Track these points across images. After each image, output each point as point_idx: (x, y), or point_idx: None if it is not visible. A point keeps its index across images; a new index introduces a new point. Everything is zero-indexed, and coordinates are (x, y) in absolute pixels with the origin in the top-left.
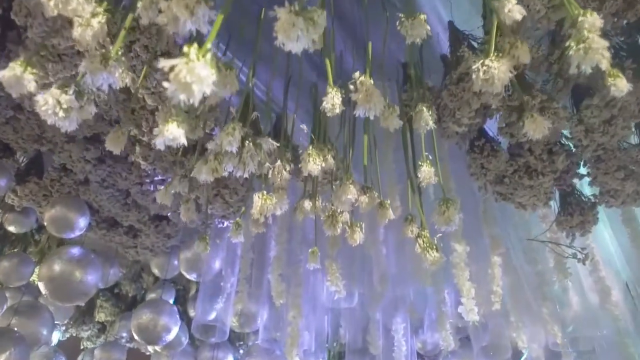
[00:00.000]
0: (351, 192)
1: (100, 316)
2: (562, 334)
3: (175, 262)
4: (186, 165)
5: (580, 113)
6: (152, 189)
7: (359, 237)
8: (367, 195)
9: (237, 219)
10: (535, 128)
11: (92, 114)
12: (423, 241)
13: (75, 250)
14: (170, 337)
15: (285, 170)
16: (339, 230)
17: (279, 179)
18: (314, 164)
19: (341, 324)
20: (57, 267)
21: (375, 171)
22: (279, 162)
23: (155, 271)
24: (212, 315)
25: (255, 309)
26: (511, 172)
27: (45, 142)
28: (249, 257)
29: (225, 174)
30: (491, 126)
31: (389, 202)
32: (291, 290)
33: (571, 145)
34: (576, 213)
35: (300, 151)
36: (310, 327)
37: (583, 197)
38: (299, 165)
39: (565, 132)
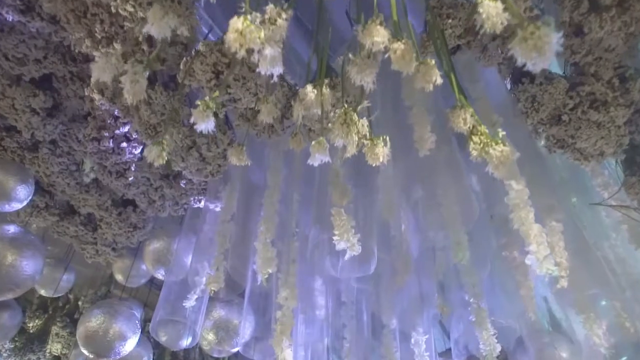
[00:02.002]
0: (380, 34)
1: (56, 347)
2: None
3: (143, 267)
4: (153, 100)
5: None
6: (111, 145)
7: (382, 153)
8: (402, 42)
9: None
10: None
11: None
12: (480, 137)
13: (10, 228)
14: (126, 349)
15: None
16: (355, 138)
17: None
18: None
19: (345, 336)
20: None
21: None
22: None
23: (119, 277)
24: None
25: (236, 318)
26: (571, 107)
27: None
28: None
29: None
30: None
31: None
32: (283, 268)
33: None
34: None
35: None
36: (308, 325)
37: None
38: None
39: None
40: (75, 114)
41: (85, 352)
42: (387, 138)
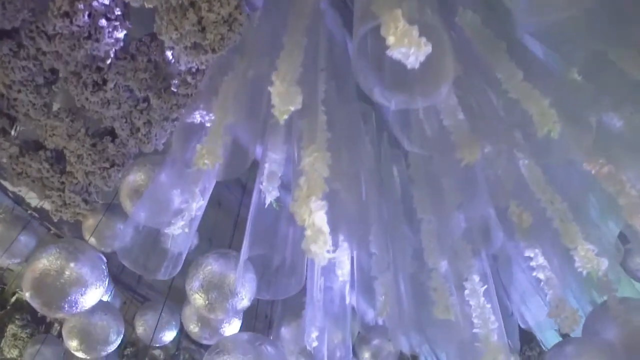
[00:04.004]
0: None
1: (12, 353)
2: None
3: (120, 226)
4: None
5: None
6: (87, 21)
7: None
8: None
9: None
10: None
11: None
12: None
13: None
14: (86, 301)
15: None
16: None
17: None
18: None
19: (378, 291)
20: None
21: None
22: None
23: (90, 240)
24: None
25: (232, 273)
26: None
27: None
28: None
29: None
30: None
31: None
32: (307, 115)
33: None
34: None
35: None
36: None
37: None
38: None
39: None
40: (44, 2)
41: (33, 303)
42: None
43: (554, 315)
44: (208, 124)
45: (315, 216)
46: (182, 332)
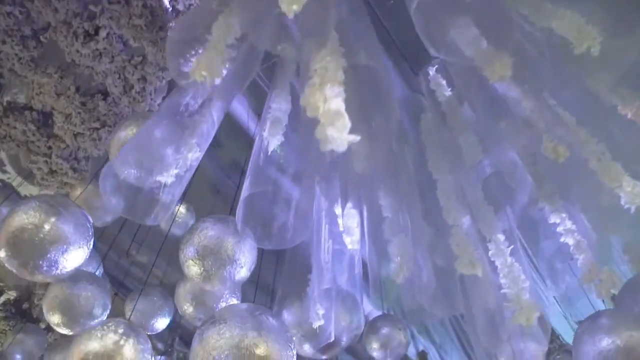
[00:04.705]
0: None
1: None
2: None
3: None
4: None
5: None
6: None
7: None
8: None
9: None
10: None
11: None
12: None
13: None
14: (68, 262)
15: None
16: None
17: None
18: None
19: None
20: None
21: None
22: None
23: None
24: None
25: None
26: None
27: None
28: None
29: None
30: None
31: None
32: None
33: None
34: None
35: None
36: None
37: None
38: None
39: None
40: None
41: (9, 264)
42: None
43: (588, 280)
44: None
45: (331, 102)
46: (177, 335)
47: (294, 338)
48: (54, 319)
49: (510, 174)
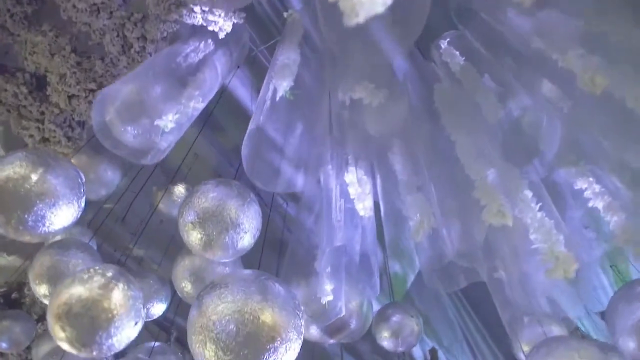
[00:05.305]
0: None
1: None
2: None
3: (109, 173)
4: None
5: None
6: None
7: None
8: None
9: None
10: None
11: None
12: None
13: None
14: (56, 219)
15: None
16: None
17: None
18: None
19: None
20: None
21: None
22: None
23: None
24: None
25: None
26: None
27: None
28: None
29: None
30: None
31: None
32: None
33: None
34: None
35: None
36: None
37: None
38: None
39: None
40: None
41: None
42: None
43: (623, 241)
44: None
45: None
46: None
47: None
48: (41, 289)
49: (536, 124)
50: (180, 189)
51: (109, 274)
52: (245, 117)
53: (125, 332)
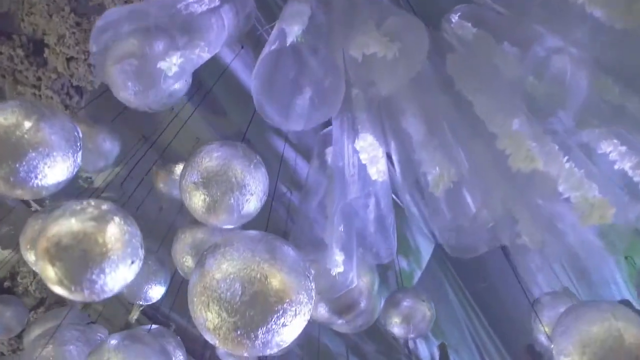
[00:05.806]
0: None
1: None
2: None
3: (107, 144)
4: None
5: None
6: None
7: None
8: None
9: None
10: None
11: None
12: None
13: None
14: (50, 170)
15: None
16: None
17: None
18: None
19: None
20: None
21: None
22: None
23: None
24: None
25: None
26: None
27: None
28: None
29: None
30: None
31: None
32: None
33: None
34: None
35: None
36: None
37: None
38: None
39: None
40: None
41: None
42: None
43: None
44: None
45: None
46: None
47: None
48: (31, 255)
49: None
50: (181, 169)
51: (105, 207)
52: (247, 101)
53: (121, 272)
